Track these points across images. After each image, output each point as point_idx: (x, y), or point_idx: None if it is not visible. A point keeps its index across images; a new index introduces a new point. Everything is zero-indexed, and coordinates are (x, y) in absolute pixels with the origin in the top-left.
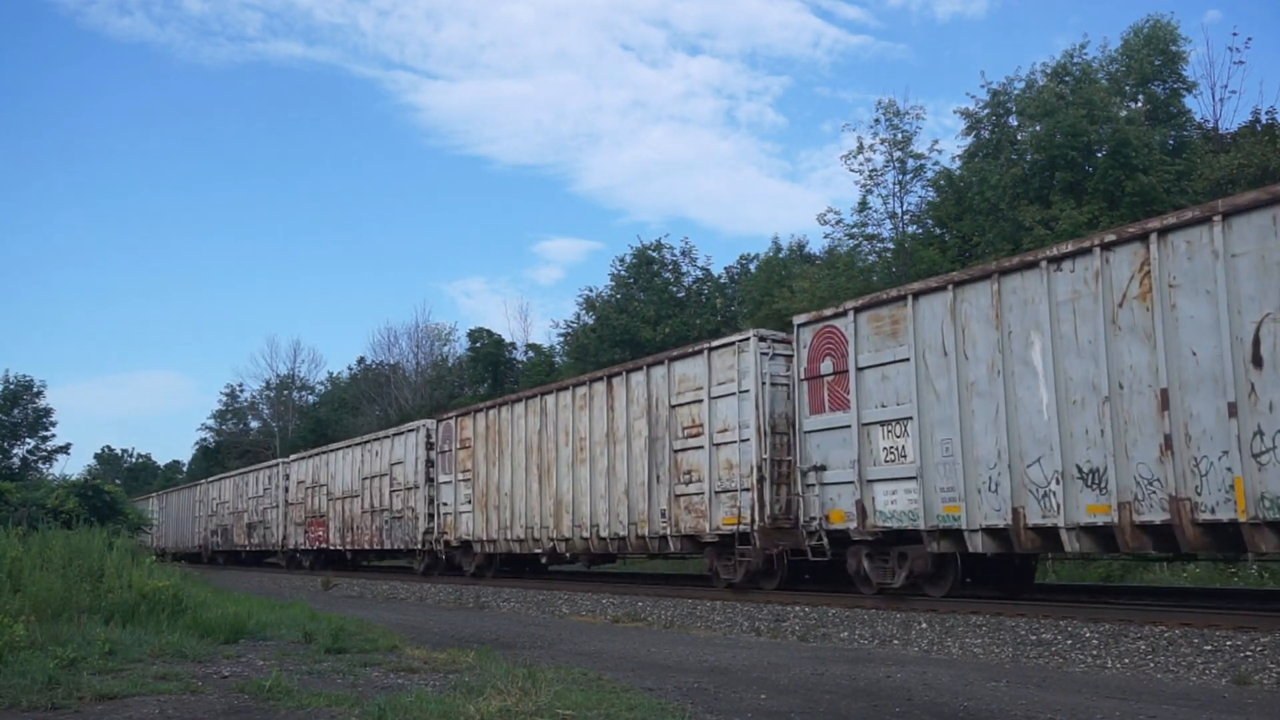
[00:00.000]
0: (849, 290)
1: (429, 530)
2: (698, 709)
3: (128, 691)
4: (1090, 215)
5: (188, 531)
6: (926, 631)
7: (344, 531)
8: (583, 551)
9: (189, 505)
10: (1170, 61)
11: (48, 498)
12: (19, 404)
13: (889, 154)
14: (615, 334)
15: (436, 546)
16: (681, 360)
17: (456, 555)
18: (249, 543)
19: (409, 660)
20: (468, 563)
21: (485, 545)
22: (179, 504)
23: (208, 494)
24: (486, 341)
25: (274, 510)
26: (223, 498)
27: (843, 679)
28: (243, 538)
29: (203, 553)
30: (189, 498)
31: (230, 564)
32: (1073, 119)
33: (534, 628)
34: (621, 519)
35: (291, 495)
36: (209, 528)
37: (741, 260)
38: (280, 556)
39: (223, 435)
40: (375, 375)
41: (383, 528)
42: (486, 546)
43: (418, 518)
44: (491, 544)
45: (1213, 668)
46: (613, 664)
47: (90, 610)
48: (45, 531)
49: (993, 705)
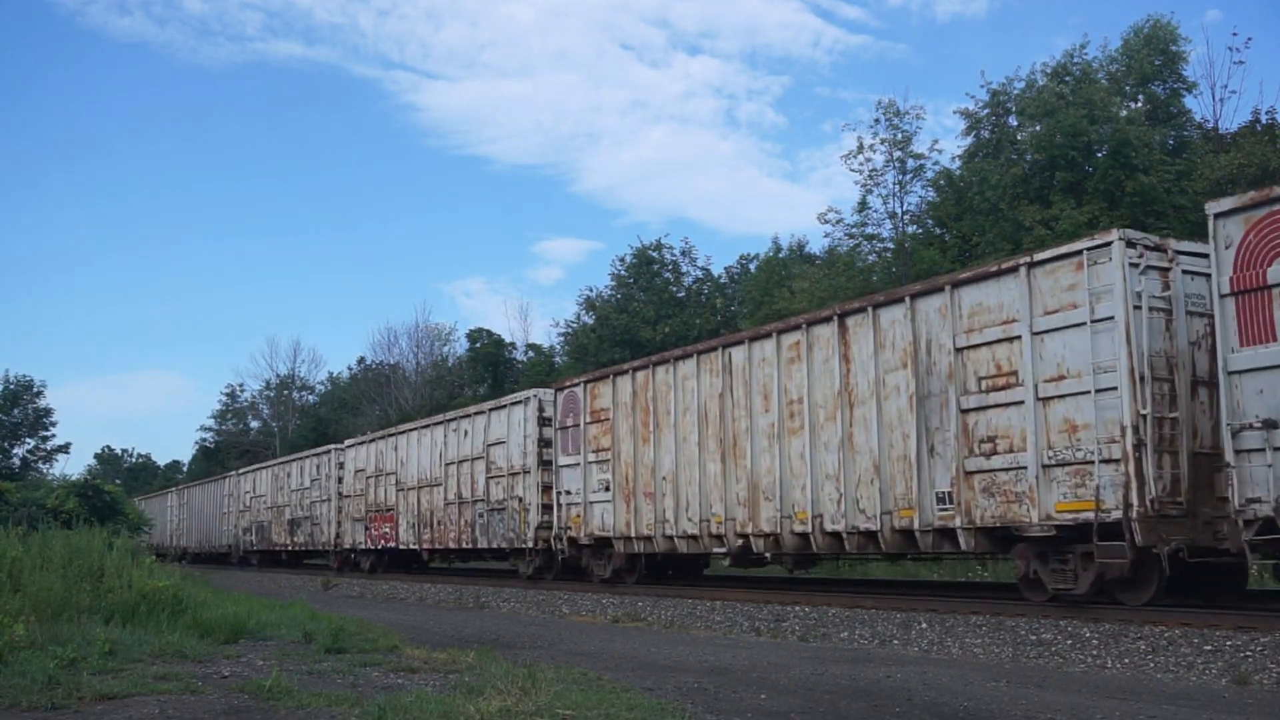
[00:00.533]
0: (849, 290)
1: (544, 524)
2: (698, 709)
3: (128, 691)
4: (1090, 215)
5: (214, 530)
6: (926, 631)
7: (419, 527)
8: (795, 550)
9: (215, 501)
10: (1170, 61)
11: (48, 498)
12: (19, 404)
13: (889, 154)
14: (615, 334)
15: (557, 544)
16: (974, 284)
17: (584, 556)
18: (291, 541)
19: (409, 660)
20: (600, 565)
21: (631, 543)
22: (203, 500)
23: (239, 487)
24: (486, 341)
25: (324, 504)
26: (258, 491)
27: (843, 679)
28: (283, 536)
29: (232, 553)
30: (215, 492)
31: (267, 565)
32: (1073, 119)
33: (534, 628)
34: (866, 507)
35: (347, 486)
36: (241, 525)
37: (741, 260)
38: (331, 558)
39: (222, 435)
40: (375, 375)
41: (475, 522)
42: (633, 545)
43: (527, 509)
44: (642, 541)
45: (1213, 668)
46: (613, 664)
47: (90, 610)
48: (45, 531)
49: (993, 705)
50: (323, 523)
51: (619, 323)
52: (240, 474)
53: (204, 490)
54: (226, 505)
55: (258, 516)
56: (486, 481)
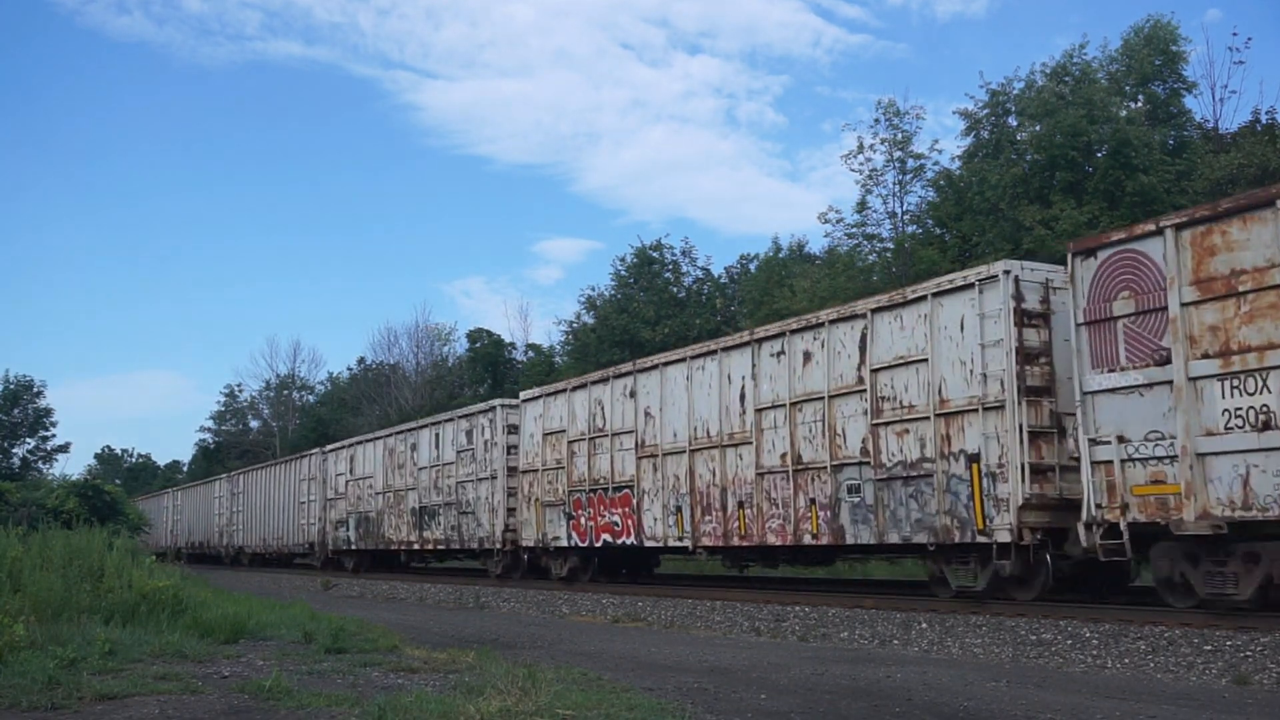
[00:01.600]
0: (849, 290)
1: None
2: (698, 709)
3: (128, 691)
4: (1090, 215)
5: (283, 526)
6: (926, 631)
7: (698, 513)
8: None
9: (284, 488)
10: (1170, 61)
11: (48, 498)
12: (19, 404)
13: (889, 154)
14: (615, 334)
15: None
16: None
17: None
18: (420, 537)
19: (409, 660)
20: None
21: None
22: (264, 488)
23: (327, 468)
24: (486, 342)
25: (484, 484)
26: (360, 471)
27: (843, 679)
28: (406, 530)
29: (315, 554)
30: (284, 476)
31: (375, 570)
32: (1073, 119)
33: (534, 628)
34: None
35: (528, 458)
36: (331, 518)
37: (741, 260)
38: (493, 560)
39: (222, 435)
40: (375, 375)
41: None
42: None
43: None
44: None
45: (1213, 668)
46: (613, 664)
47: (90, 610)
48: (45, 531)
49: (993, 705)
50: (484, 510)
51: (619, 323)
52: (328, 452)
53: (265, 475)
54: (306, 493)
55: (360, 505)
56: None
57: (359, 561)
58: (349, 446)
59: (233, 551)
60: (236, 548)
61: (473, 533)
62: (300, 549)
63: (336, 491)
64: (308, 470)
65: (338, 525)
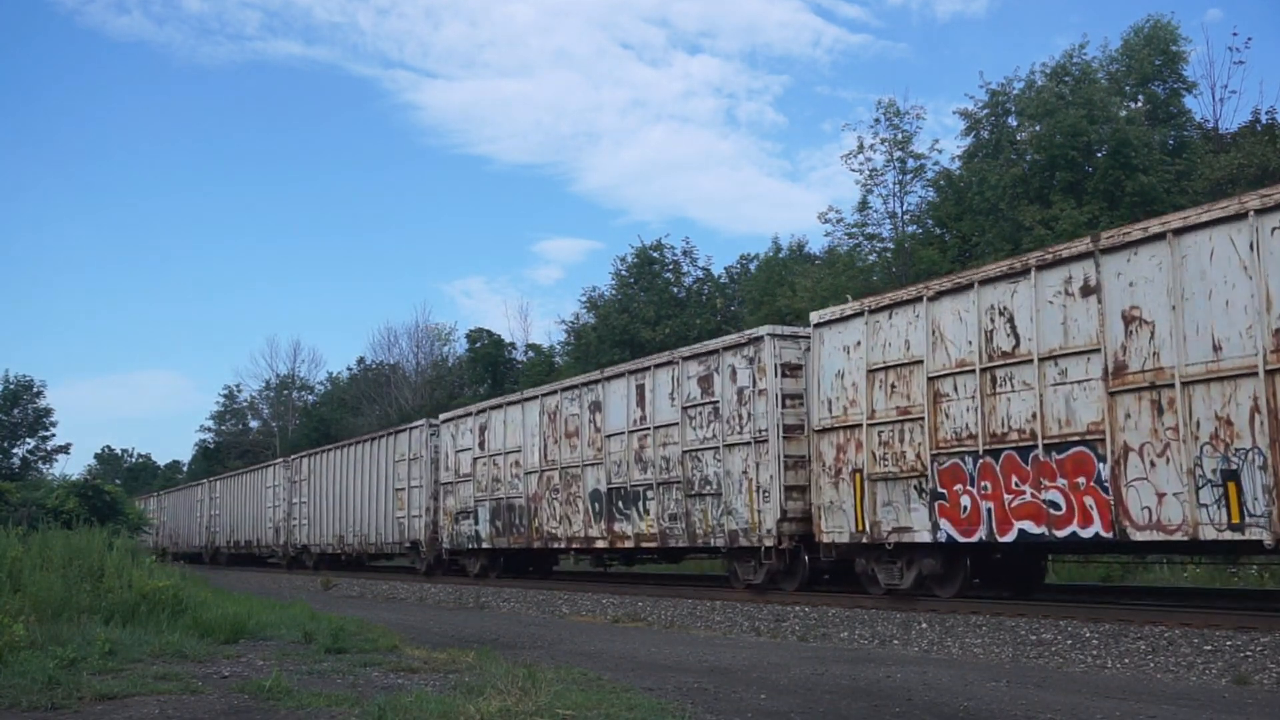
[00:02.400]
0: (850, 290)
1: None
2: (698, 709)
3: (128, 691)
4: (1090, 215)
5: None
6: (926, 631)
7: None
8: None
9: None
10: (1170, 61)
11: (48, 498)
12: (19, 404)
13: (889, 154)
14: (615, 334)
15: None
16: None
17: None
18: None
19: (409, 660)
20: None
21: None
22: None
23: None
24: (486, 342)
25: (731, 455)
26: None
27: (843, 679)
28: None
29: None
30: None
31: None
32: (1073, 119)
33: (534, 628)
34: None
35: (833, 408)
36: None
37: (741, 260)
38: (756, 565)
39: (222, 435)
40: (375, 375)
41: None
42: None
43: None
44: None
45: (1213, 668)
46: (613, 664)
47: (90, 610)
48: (45, 531)
49: (993, 705)
50: (730, 492)
51: (620, 323)
52: (443, 423)
53: (342, 459)
54: (405, 477)
55: (496, 491)
56: None
57: (490, 563)
58: (479, 413)
59: (293, 551)
60: (299, 546)
61: (715, 524)
62: (394, 548)
63: (457, 473)
64: (409, 448)
65: (459, 517)
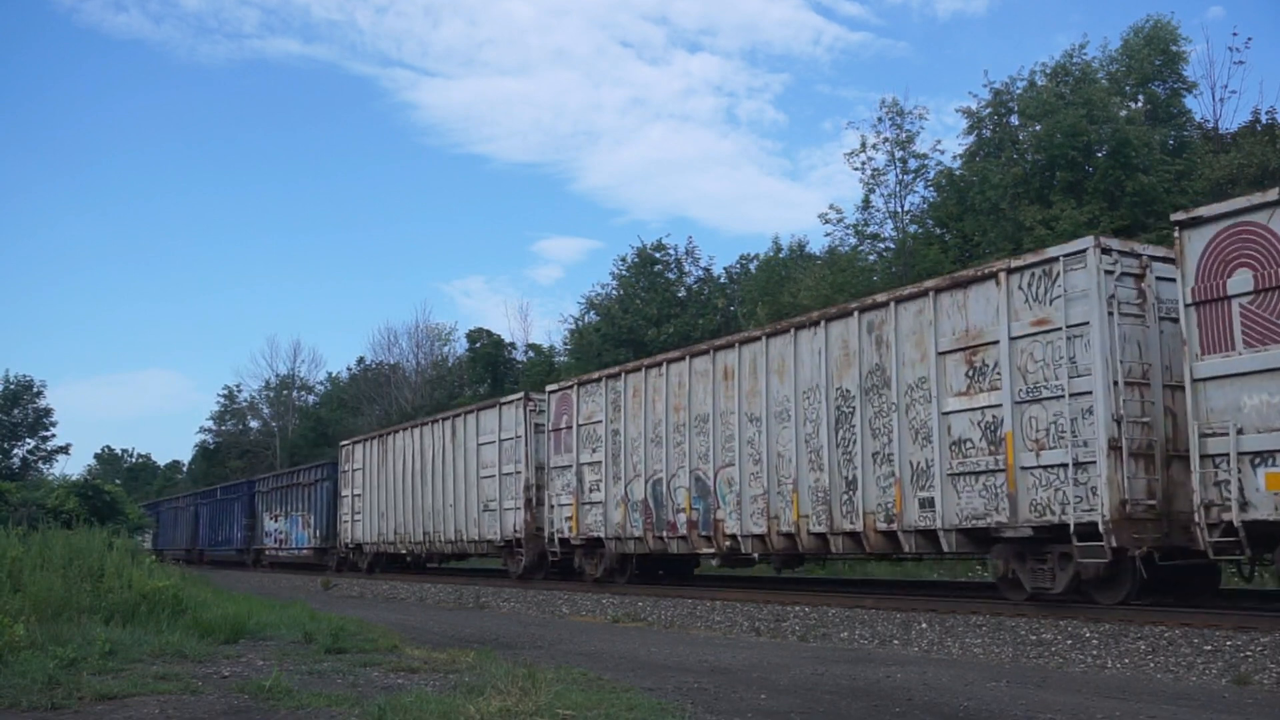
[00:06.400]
0: (853, 288)
1: None
2: (698, 709)
3: (128, 691)
4: (1090, 215)
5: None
6: (926, 631)
7: None
8: None
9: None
10: (1170, 61)
11: (48, 498)
12: (19, 404)
13: (891, 153)
14: (618, 334)
15: None
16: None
17: None
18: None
19: (409, 660)
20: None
21: None
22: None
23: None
24: (486, 341)
25: None
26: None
27: (843, 679)
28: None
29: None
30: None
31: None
32: (1073, 119)
33: (534, 628)
34: None
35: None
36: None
37: (742, 260)
38: None
39: (222, 436)
40: (375, 375)
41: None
42: None
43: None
44: None
45: (1213, 668)
46: (613, 664)
47: (90, 610)
48: (45, 531)
49: (993, 705)
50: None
51: (623, 323)
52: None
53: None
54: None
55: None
56: None
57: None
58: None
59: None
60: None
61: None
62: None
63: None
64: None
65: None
